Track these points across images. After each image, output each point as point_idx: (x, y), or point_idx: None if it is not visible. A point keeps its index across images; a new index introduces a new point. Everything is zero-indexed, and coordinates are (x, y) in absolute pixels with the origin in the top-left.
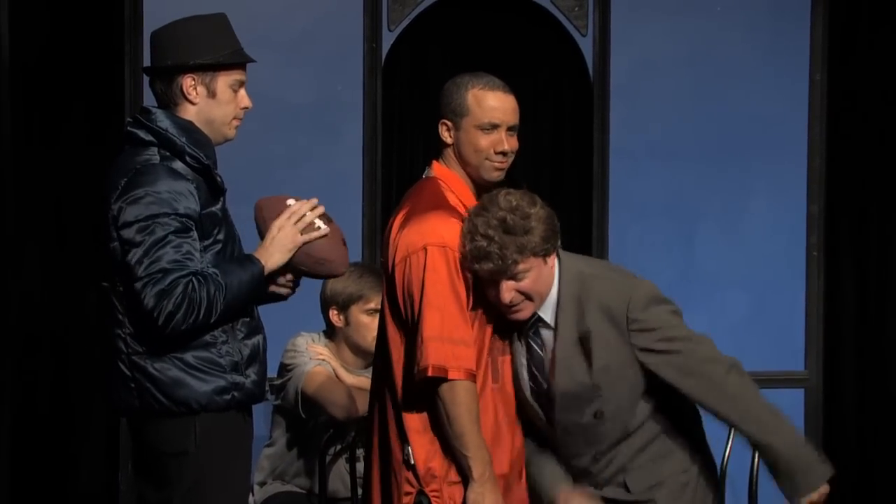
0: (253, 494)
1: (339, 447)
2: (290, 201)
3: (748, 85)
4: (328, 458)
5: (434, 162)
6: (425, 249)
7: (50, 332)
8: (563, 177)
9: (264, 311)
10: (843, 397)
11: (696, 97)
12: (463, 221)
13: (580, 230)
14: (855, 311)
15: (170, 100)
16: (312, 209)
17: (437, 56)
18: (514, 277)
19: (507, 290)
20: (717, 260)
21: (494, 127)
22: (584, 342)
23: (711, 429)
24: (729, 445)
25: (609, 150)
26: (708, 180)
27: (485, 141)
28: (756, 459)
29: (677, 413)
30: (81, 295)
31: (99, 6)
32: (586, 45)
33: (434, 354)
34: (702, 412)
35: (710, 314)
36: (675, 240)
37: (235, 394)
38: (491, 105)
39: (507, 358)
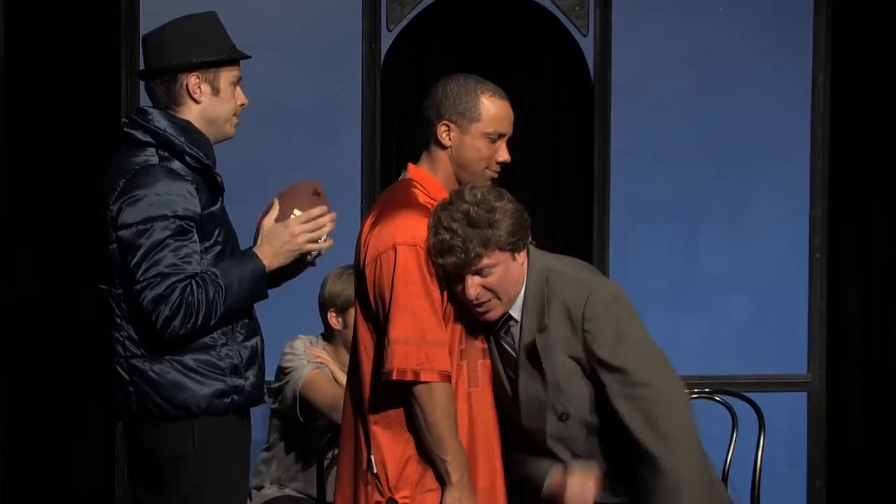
0: (250, 499)
1: (336, 451)
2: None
3: (750, 86)
4: (326, 463)
5: (410, 164)
6: (395, 249)
7: (44, 336)
8: (564, 179)
9: (262, 314)
10: (847, 401)
11: (699, 98)
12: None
13: (581, 233)
14: (859, 314)
15: (171, 100)
16: (319, 215)
17: (436, 56)
18: (479, 272)
19: (473, 286)
20: (720, 263)
21: (501, 137)
22: (543, 339)
23: (713, 432)
24: (731, 450)
25: (610, 151)
26: (710, 182)
27: (489, 150)
28: (759, 464)
29: None
30: (76, 298)
31: (94, 7)
32: (587, 46)
33: (402, 358)
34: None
35: (712, 318)
36: (678, 243)
37: (235, 397)
38: (501, 115)
39: (487, 362)
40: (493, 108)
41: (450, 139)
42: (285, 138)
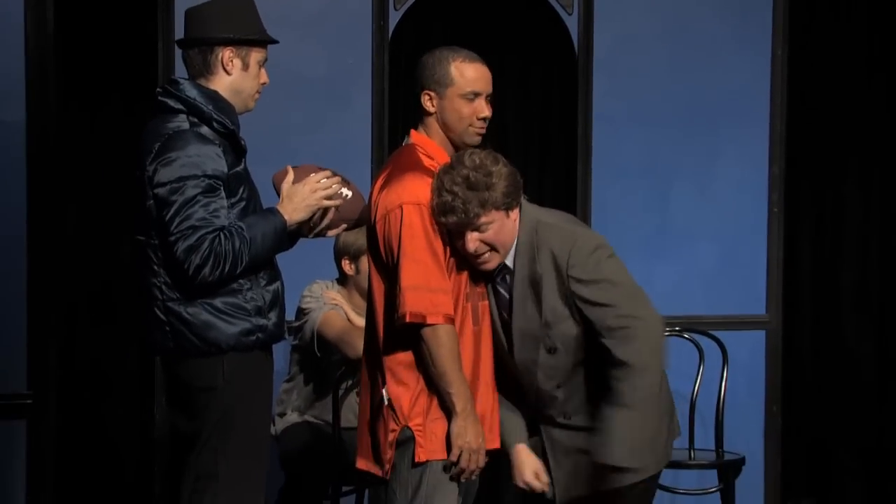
0: (273, 424)
1: (350, 382)
2: (313, 174)
3: (717, 58)
4: (340, 392)
5: (412, 130)
6: (401, 208)
7: (90, 283)
8: (551, 141)
9: (283, 262)
10: (800, 338)
11: (671, 69)
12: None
13: (567, 190)
14: (811, 261)
15: (205, 69)
16: (329, 177)
17: (438, 33)
18: (477, 229)
19: (472, 241)
20: (689, 215)
21: (476, 95)
22: (535, 284)
23: (682, 366)
24: (698, 381)
25: (592, 117)
26: (681, 144)
27: (468, 109)
28: (723, 393)
29: None
30: (117, 248)
31: None
32: (572, 23)
33: (412, 302)
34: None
35: (682, 264)
36: (652, 197)
37: (259, 335)
38: (473, 76)
39: (486, 303)
40: (464, 71)
41: (433, 106)
42: (303, 105)
